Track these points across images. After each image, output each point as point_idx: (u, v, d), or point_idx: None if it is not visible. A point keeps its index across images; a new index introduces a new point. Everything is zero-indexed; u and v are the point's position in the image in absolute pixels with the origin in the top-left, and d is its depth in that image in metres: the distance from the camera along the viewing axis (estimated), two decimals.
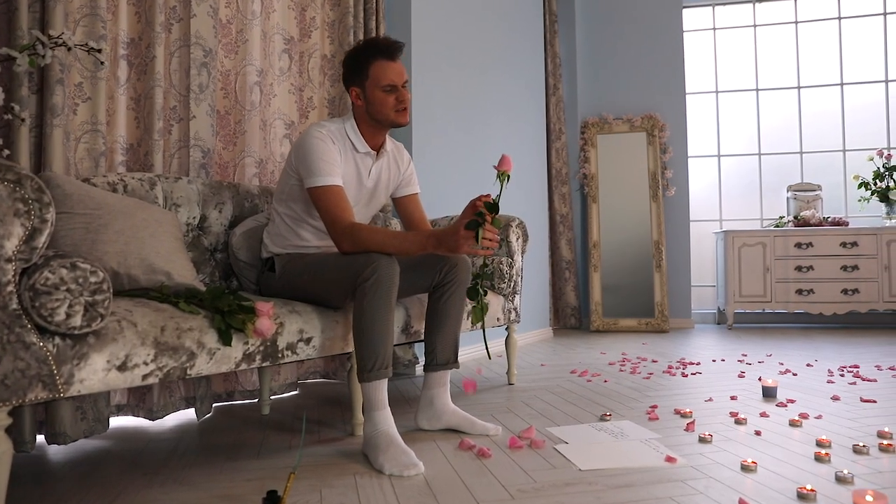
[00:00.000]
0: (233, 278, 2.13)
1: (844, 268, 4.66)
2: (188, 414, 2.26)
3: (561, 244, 4.94)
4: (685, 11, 5.42)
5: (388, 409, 1.71)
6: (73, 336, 1.22)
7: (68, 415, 1.78)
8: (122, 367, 1.29)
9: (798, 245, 4.74)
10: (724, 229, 4.99)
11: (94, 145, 1.91)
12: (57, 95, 1.75)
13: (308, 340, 1.71)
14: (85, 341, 1.23)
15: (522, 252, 2.76)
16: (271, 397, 2.47)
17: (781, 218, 4.98)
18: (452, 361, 1.98)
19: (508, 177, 1.80)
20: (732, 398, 2.38)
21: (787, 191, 5.10)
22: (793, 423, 1.98)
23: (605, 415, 2.12)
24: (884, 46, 5.08)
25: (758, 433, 1.89)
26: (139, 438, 1.95)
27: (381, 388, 1.69)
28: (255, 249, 2.04)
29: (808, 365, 3.12)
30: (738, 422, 2.03)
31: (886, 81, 5.07)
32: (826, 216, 5.01)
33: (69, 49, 1.45)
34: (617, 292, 4.92)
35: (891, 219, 4.77)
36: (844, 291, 4.66)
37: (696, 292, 5.39)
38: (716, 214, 5.40)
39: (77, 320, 1.20)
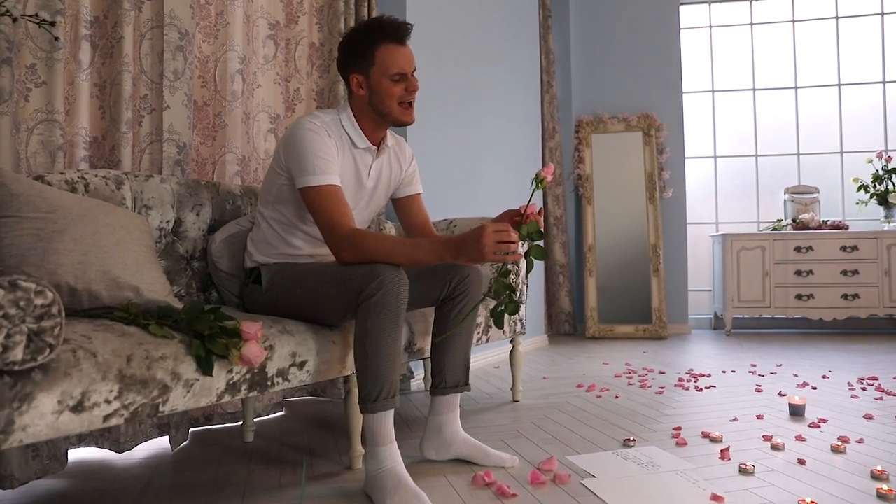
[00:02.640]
0: (212, 290, 1.89)
1: (844, 272, 4.55)
2: (161, 443, 2.00)
3: (555, 248, 4.75)
4: (681, 8, 5.27)
5: (395, 443, 1.48)
6: (14, 373, 0.97)
7: (16, 453, 1.52)
8: (77, 408, 1.05)
9: (798, 249, 4.61)
10: (720, 232, 4.85)
11: (50, 137, 1.65)
12: (3, 78, 1.48)
13: (301, 365, 1.48)
14: (29, 379, 0.99)
15: None
16: (255, 419, 2.22)
17: (779, 221, 4.85)
18: (463, 384, 1.76)
19: (544, 182, 1.52)
20: (759, 417, 2.20)
21: (785, 193, 4.99)
22: (835, 450, 1.80)
23: (629, 439, 1.92)
24: (881, 47, 4.99)
25: (801, 462, 1.71)
26: (103, 476, 1.70)
27: (388, 419, 1.46)
28: (238, 258, 1.80)
29: (823, 377, 2.96)
30: (775, 447, 1.85)
31: (884, 83, 4.98)
32: (825, 219, 4.91)
33: (14, 20, 1.20)
34: (613, 297, 4.74)
35: (889, 222, 4.67)
36: (844, 296, 4.55)
37: (692, 297, 5.25)
38: (710, 217, 5.26)
39: (18, 353, 0.95)
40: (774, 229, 4.82)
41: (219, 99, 2.21)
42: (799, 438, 1.93)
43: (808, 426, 2.09)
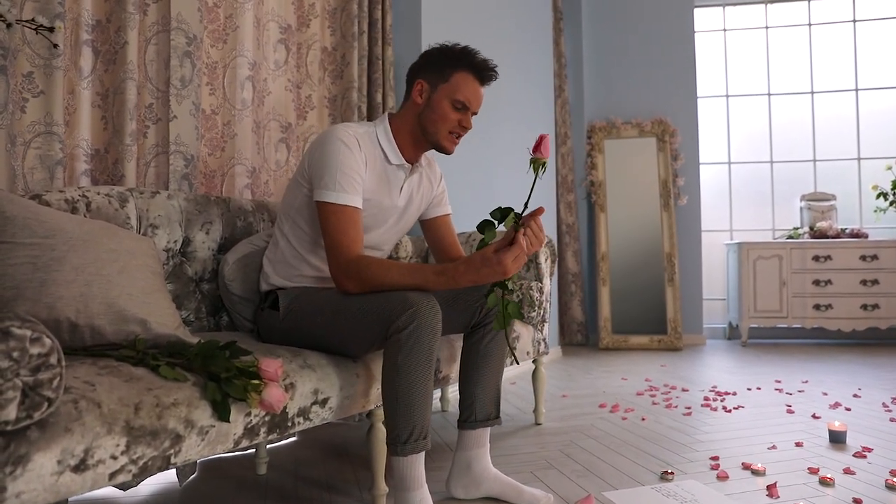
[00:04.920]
0: (223, 314, 1.76)
1: (864, 282, 4.44)
2: (168, 476, 1.88)
3: (567, 256, 4.63)
4: (695, 11, 5.15)
5: (426, 487, 1.36)
6: (6, 433, 0.85)
7: None
8: (79, 467, 0.92)
9: (816, 258, 4.50)
10: (735, 240, 4.73)
11: (48, 151, 1.52)
12: None
13: (324, 402, 1.36)
14: (24, 438, 0.86)
15: (551, 274, 2.44)
16: (267, 446, 2.09)
17: (796, 229, 4.74)
18: (494, 416, 1.64)
19: (545, 165, 1.39)
20: (798, 445, 2.08)
21: (801, 200, 4.87)
22: (890, 486, 1.69)
23: (667, 472, 1.79)
24: None
25: (857, 502, 1.59)
26: None
27: (419, 462, 1.34)
28: (252, 280, 1.67)
29: (854, 395, 2.85)
30: (824, 482, 1.73)
31: None
32: (843, 227, 4.79)
33: (9, 26, 1.08)
34: (626, 307, 4.62)
35: None
36: (864, 307, 4.43)
37: (705, 305, 5.13)
38: (724, 224, 5.14)
39: (11, 412, 0.83)
40: (791, 237, 4.71)
41: (228, 107, 2.08)
42: (847, 471, 1.81)
43: (853, 456, 1.97)
